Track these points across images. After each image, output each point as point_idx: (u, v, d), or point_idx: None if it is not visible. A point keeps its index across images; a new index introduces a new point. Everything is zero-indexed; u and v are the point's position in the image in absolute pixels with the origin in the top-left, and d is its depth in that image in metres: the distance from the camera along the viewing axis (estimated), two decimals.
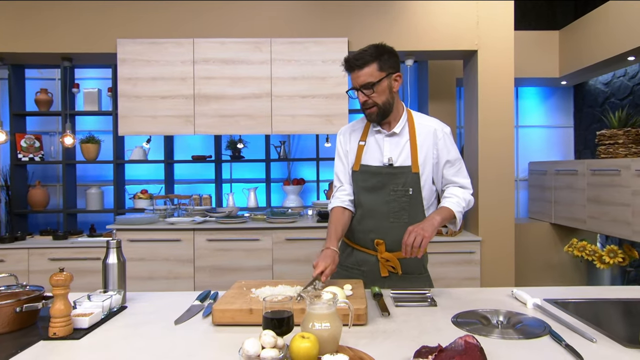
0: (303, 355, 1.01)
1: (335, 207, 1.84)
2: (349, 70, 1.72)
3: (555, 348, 1.17)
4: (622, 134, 3.62)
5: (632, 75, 4.13)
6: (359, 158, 1.82)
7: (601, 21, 3.89)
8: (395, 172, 1.75)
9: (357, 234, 1.84)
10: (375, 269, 1.81)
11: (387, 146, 1.79)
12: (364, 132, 1.85)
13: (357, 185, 1.82)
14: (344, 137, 1.90)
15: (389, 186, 1.76)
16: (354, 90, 1.73)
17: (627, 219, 3.40)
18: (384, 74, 1.69)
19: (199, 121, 3.59)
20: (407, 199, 1.75)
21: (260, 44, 3.56)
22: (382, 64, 1.69)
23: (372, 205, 1.78)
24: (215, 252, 3.54)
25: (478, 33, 3.58)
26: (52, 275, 1.27)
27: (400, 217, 1.76)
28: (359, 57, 1.69)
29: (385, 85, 1.70)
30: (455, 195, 1.78)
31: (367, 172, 1.79)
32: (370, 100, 1.70)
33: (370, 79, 1.68)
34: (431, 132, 1.79)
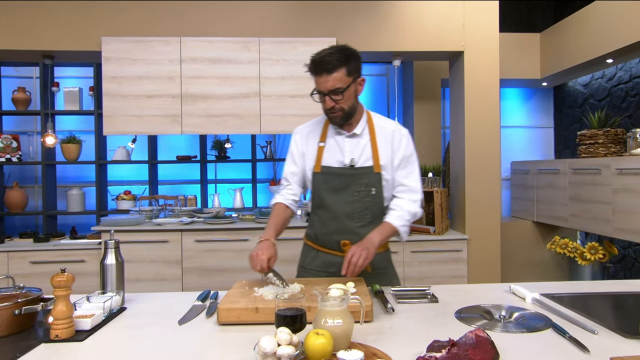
0: (318, 351, 1.01)
1: (278, 203, 1.83)
2: (316, 74, 1.66)
3: (559, 340, 1.20)
4: (602, 134, 3.73)
5: (610, 77, 4.26)
6: (319, 159, 1.79)
7: (581, 24, 4.00)
8: (358, 173, 1.75)
9: (322, 236, 1.82)
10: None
11: (348, 147, 1.77)
12: (322, 133, 1.82)
13: (319, 186, 1.79)
14: (300, 138, 1.87)
15: (352, 187, 1.75)
16: (319, 94, 1.68)
17: (608, 217, 3.50)
18: (351, 79, 1.67)
19: (186, 121, 3.55)
20: (370, 198, 1.76)
21: (249, 44, 3.55)
22: (350, 68, 1.65)
23: (335, 207, 1.76)
24: (203, 253, 3.50)
25: (464, 34, 3.64)
26: (53, 276, 1.24)
27: (364, 217, 1.76)
28: (327, 60, 1.63)
29: (352, 91, 1.68)
30: (399, 208, 1.77)
31: (330, 173, 1.77)
32: (337, 106, 1.67)
33: (339, 84, 1.64)
34: (389, 134, 1.79)
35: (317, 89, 1.69)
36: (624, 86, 4.09)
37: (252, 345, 1.17)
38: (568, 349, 1.15)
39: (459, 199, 3.84)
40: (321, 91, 1.67)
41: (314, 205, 1.85)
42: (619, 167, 3.37)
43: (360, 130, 1.77)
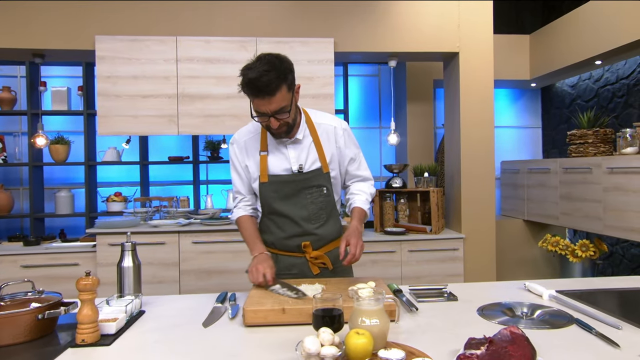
0: (360, 351, 1.01)
1: (242, 216, 1.82)
2: (255, 96, 1.54)
3: (586, 336, 1.22)
4: (592, 134, 3.82)
5: (597, 78, 4.37)
6: (264, 169, 1.72)
7: (570, 26, 4.09)
8: (308, 177, 1.73)
9: (281, 241, 1.79)
10: (305, 269, 1.78)
11: (292, 154, 1.73)
12: (262, 142, 1.75)
13: (269, 195, 1.74)
14: (238, 148, 1.79)
15: (303, 191, 1.74)
16: (261, 115, 1.58)
17: (599, 215, 3.59)
18: (291, 93, 1.61)
19: (183, 121, 3.51)
20: (323, 198, 1.76)
21: (246, 43, 3.52)
22: (288, 83, 1.57)
23: (291, 212, 1.74)
24: (201, 254, 3.47)
25: (459, 35, 3.68)
26: (78, 279, 1.21)
27: (320, 217, 1.76)
28: (266, 81, 1.50)
29: (294, 104, 1.64)
30: (362, 192, 1.83)
31: (278, 182, 1.73)
32: (282, 122, 1.60)
33: (283, 103, 1.55)
34: (331, 131, 1.78)
35: (257, 111, 1.58)
36: (611, 87, 4.20)
37: (283, 346, 1.17)
38: (597, 344, 1.17)
39: (454, 198, 3.89)
40: (264, 113, 1.57)
41: (266, 212, 1.79)
42: (610, 166, 3.46)
43: (301, 134, 1.74)
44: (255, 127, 1.78)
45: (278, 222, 1.78)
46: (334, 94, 3.59)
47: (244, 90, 1.57)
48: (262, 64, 1.54)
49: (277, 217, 1.77)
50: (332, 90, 3.58)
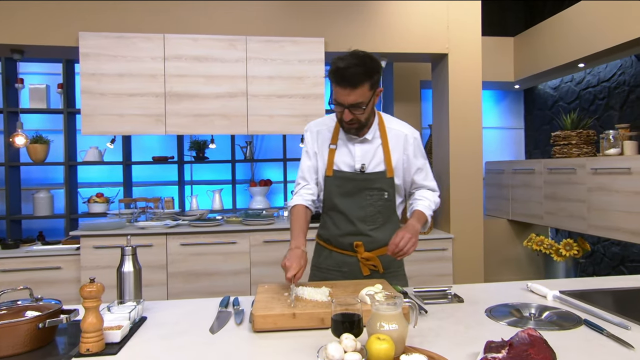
0: (383, 356, 1.00)
1: (298, 205, 1.79)
2: (338, 84, 1.59)
3: (597, 337, 1.23)
4: (575, 135, 3.90)
5: (579, 81, 4.46)
6: (331, 163, 1.77)
7: (554, 29, 4.17)
8: (370, 178, 1.75)
9: (335, 237, 1.82)
10: (355, 269, 1.80)
11: (358, 152, 1.76)
12: (333, 135, 1.80)
13: (332, 190, 1.78)
14: (311, 136, 1.84)
15: (364, 191, 1.75)
16: (338, 104, 1.63)
17: (583, 214, 3.66)
18: (372, 92, 1.63)
19: (170, 121, 3.44)
20: (382, 202, 1.77)
21: (235, 42, 3.47)
22: (372, 82, 1.61)
23: (348, 210, 1.76)
24: (189, 257, 3.40)
25: (448, 36, 3.71)
26: (82, 286, 1.16)
27: (376, 220, 1.77)
28: (353, 73, 1.55)
29: (371, 105, 1.66)
30: (426, 199, 1.82)
31: (342, 177, 1.76)
32: (354, 118, 1.65)
33: (361, 99, 1.60)
34: (402, 138, 1.79)
35: (336, 100, 1.63)
36: (592, 90, 4.30)
37: (299, 352, 1.15)
38: (610, 345, 1.18)
39: (443, 199, 3.90)
40: (341, 103, 1.62)
41: (326, 207, 1.84)
42: (594, 166, 3.53)
43: (371, 135, 1.76)
44: (330, 120, 1.82)
45: (335, 218, 1.80)
46: (324, 94, 3.57)
47: (330, 77, 1.61)
48: (353, 58, 1.58)
49: (335, 213, 1.79)
50: (323, 91, 3.56)
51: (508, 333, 1.25)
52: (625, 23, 3.36)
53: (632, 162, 3.21)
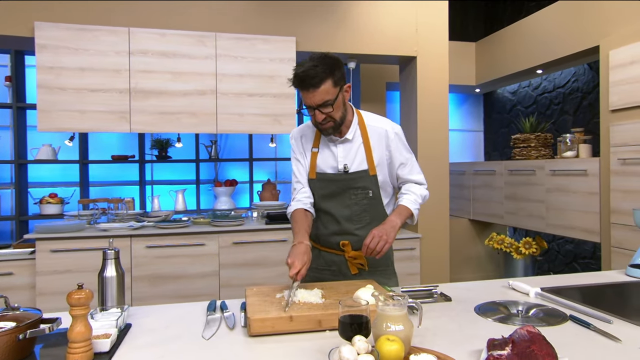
0: (395, 357, 0.99)
1: (297, 209, 1.79)
2: (301, 88, 1.61)
3: (584, 332, 1.28)
4: (534, 138, 4.08)
5: (536, 86, 4.67)
6: (313, 166, 1.80)
7: (514, 36, 4.34)
8: (353, 178, 1.76)
9: (323, 237, 1.84)
10: (344, 268, 1.82)
11: (340, 152, 1.78)
12: (315, 139, 1.82)
13: (317, 192, 1.81)
14: (296, 142, 1.87)
15: (348, 191, 1.77)
16: (308, 108, 1.65)
17: (542, 214, 3.84)
18: (338, 88, 1.63)
19: (135, 118, 3.30)
20: (368, 200, 1.78)
21: (205, 38, 3.38)
22: (335, 78, 1.61)
23: (334, 211, 1.78)
24: (155, 259, 3.28)
25: (417, 39, 3.77)
26: (70, 293, 1.08)
27: (362, 219, 1.79)
28: (312, 74, 1.57)
29: (340, 100, 1.66)
30: (412, 192, 1.82)
31: (325, 179, 1.79)
32: (327, 117, 1.65)
33: (327, 97, 1.60)
34: (383, 134, 1.79)
35: (305, 104, 1.66)
36: (548, 95, 4.51)
37: (300, 356, 1.12)
38: (597, 339, 1.23)
39: None
40: (310, 106, 1.63)
41: (314, 209, 1.84)
42: (552, 168, 3.71)
43: (351, 134, 1.77)
44: (311, 125, 1.83)
45: (322, 218, 1.83)
46: (295, 94, 3.54)
47: (294, 84, 1.63)
48: (310, 61, 1.61)
49: (321, 213, 1.83)
50: (294, 90, 3.53)
51: (502, 330, 1.29)
52: (580, 34, 3.54)
53: (588, 164, 3.39)
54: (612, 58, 3.12)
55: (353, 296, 1.41)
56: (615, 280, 1.84)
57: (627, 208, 3.02)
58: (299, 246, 1.58)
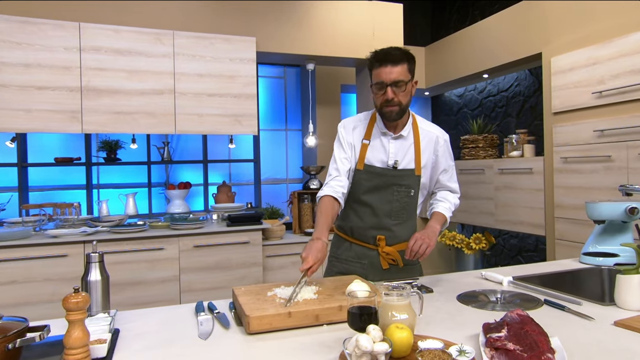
0: (405, 344, 1.03)
1: (326, 196, 1.77)
2: (380, 64, 1.69)
3: (560, 314, 1.38)
4: (482, 139, 4.31)
5: (481, 90, 4.94)
6: (362, 157, 1.83)
7: (463, 42, 4.56)
8: (400, 175, 1.81)
9: (358, 230, 1.87)
10: (376, 262, 1.86)
11: (392, 149, 1.82)
12: (367, 131, 1.85)
13: (360, 183, 1.83)
14: (345, 130, 1.88)
15: (392, 187, 1.82)
16: (379, 84, 1.71)
17: (491, 211, 4.06)
18: (411, 76, 1.73)
19: (88, 118, 3.14)
20: (408, 199, 1.84)
21: (162, 36, 3.28)
22: (410, 66, 1.72)
23: (374, 204, 1.82)
24: (110, 266, 3.09)
25: (374, 43, 3.87)
26: (67, 297, 1.03)
27: (400, 216, 1.84)
28: (393, 53, 1.68)
29: (409, 87, 1.74)
30: (447, 200, 1.91)
31: (372, 172, 1.82)
32: (396, 99, 1.70)
33: (402, 77, 1.69)
34: (433, 139, 1.87)
35: (377, 81, 1.71)
36: (493, 98, 4.78)
37: (302, 350, 1.14)
38: (573, 319, 1.34)
39: None
40: (383, 81, 1.69)
41: (351, 200, 1.87)
42: (500, 167, 3.94)
43: (407, 132, 1.83)
44: (364, 117, 1.89)
45: (359, 211, 1.85)
46: (256, 95, 3.52)
47: (372, 60, 1.73)
48: (390, 47, 1.74)
49: (360, 206, 1.84)
50: (255, 91, 3.51)
51: (487, 316, 1.36)
52: (524, 41, 3.79)
53: (533, 163, 3.63)
54: (553, 65, 3.37)
55: (346, 290, 1.43)
56: (573, 267, 1.99)
57: (569, 203, 3.27)
58: (316, 242, 1.57)
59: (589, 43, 3.12)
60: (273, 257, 3.54)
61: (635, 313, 1.36)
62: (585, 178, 3.14)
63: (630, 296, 1.40)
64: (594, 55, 3.05)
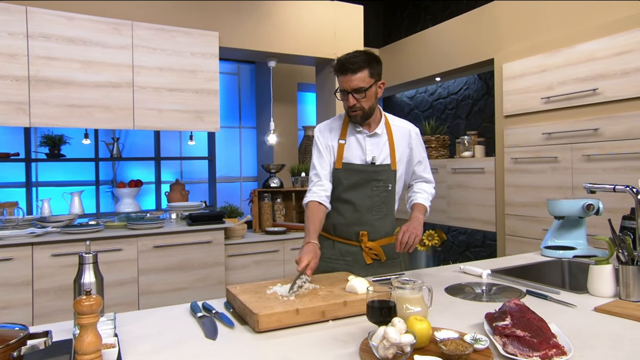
0: (425, 335, 1.06)
1: (312, 202, 1.83)
2: (341, 73, 1.77)
3: (543, 303, 1.48)
4: (434, 140, 4.49)
5: (432, 92, 5.14)
6: (340, 156, 1.89)
7: (417, 45, 4.72)
8: (378, 170, 1.88)
9: (340, 227, 1.92)
10: (359, 258, 1.91)
11: (369, 146, 1.89)
12: (342, 132, 1.91)
13: (340, 182, 1.89)
14: (322, 134, 1.94)
15: (371, 182, 1.88)
16: (343, 92, 1.79)
17: (444, 208, 4.24)
18: (373, 80, 1.78)
19: (36, 110, 2.92)
20: (387, 193, 1.91)
21: (120, 26, 3.12)
22: (372, 70, 1.77)
23: (355, 200, 1.88)
24: (62, 269, 2.93)
25: (336, 43, 3.92)
26: (79, 300, 0.96)
27: (380, 210, 1.91)
28: (353, 61, 1.74)
29: (372, 92, 1.80)
30: (424, 191, 2.01)
31: (351, 169, 1.88)
32: (358, 104, 1.78)
33: (362, 84, 1.75)
34: (406, 133, 1.96)
35: (340, 89, 1.80)
36: (443, 101, 4.99)
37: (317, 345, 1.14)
38: (557, 307, 1.44)
39: None
40: (345, 89, 1.77)
41: (332, 199, 1.90)
42: (453, 167, 4.12)
43: (380, 130, 1.89)
44: (338, 118, 1.95)
45: (341, 209, 1.90)
46: (218, 90, 3.44)
47: (335, 70, 1.80)
48: (353, 52, 1.79)
49: (341, 204, 1.89)
50: (217, 86, 3.43)
51: (479, 307, 1.44)
52: (477, 47, 4.00)
53: (485, 163, 3.84)
54: (505, 70, 3.58)
55: (346, 287, 1.45)
56: (536, 260, 2.13)
57: (518, 201, 3.50)
58: (308, 245, 1.65)
59: (539, 51, 3.35)
60: (235, 257, 3.48)
61: (608, 299, 1.49)
62: (534, 177, 3.37)
63: (603, 284, 1.53)
64: (543, 63, 3.28)
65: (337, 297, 1.38)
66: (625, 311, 1.35)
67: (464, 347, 1.01)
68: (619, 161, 2.85)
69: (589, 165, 3.01)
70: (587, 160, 3.01)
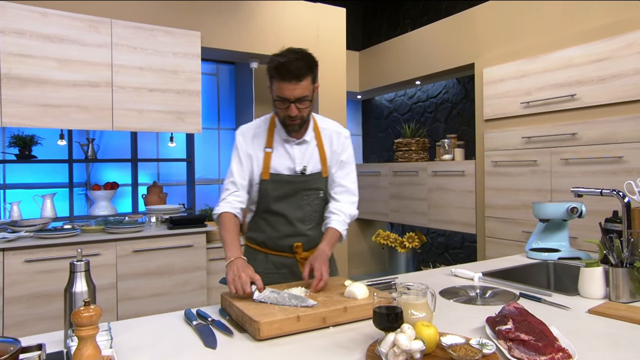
0: (433, 340, 1.06)
1: (226, 212, 1.69)
2: (282, 79, 1.57)
3: (538, 305, 1.50)
4: (414, 143, 4.53)
5: (411, 95, 5.19)
6: (267, 166, 1.72)
7: (398, 49, 4.76)
8: (308, 180, 1.75)
9: (273, 240, 1.78)
10: (295, 270, 1.79)
11: (297, 154, 1.74)
12: (268, 139, 1.74)
13: (267, 193, 1.73)
14: (244, 139, 1.75)
15: (301, 192, 1.75)
16: (283, 100, 1.60)
17: (424, 211, 4.28)
18: (313, 87, 1.64)
19: (9, 109, 2.79)
20: (319, 201, 1.79)
21: (98, 24, 3.02)
22: (313, 76, 1.62)
23: (287, 212, 1.74)
24: (35, 275, 2.81)
25: (319, 45, 3.90)
26: (77, 311, 0.91)
27: (313, 219, 1.79)
28: (296, 67, 1.55)
29: (313, 98, 1.66)
30: (341, 212, 1.77)
31: (279, 181, 1.72)
32: (299, 114, 1.62)
33: (306, 92, 1.59)
34: (335, 137, 1.81)
35: (280, 95, 1.59)
36: (422, 104, 5.05)
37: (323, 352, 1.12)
38: (552, 309, 1.46)
39: None
40: (286, 98, 1.58)
41: (261, 210, 1.78)
42: (434, 169, 4.17)
43: (309, 136, 1.76)
44: (263, 123, 1.77)
45: (272, 221, 1.76)
46: (200, 91, 3.37)
47: (272, 73, 1.59)
48: (291, 53, 1.61)
49: (271, 216, 1.75)
50: (199, 87, 3.36)
51: (476, 310, 1.45)
52: (457, 52, 4.06)
53: (464, 166, 3.89)
54: (485, 75, 3.65)
55: (345, 292, 1.43)
56: (522, 262, 2.16)
57: (498, 203, 3.56)
58: (238, 261, 1.50)
59: (518, 57, 3.42)
60: (216, 261, 3.41)
61: (598, 301, 1.52)
62: (514, 180, 3.43)
63: (594, 286, 1.56)
64: (522, 68, 3.36)
65: (336, 302, 1.36)
66: (618, 312, 1.38)
67: (473, 352, 1.01)
68: (596, 165, 2.93)
69: (567, 169, 3.09)
70: (566, 164, 3.09)
